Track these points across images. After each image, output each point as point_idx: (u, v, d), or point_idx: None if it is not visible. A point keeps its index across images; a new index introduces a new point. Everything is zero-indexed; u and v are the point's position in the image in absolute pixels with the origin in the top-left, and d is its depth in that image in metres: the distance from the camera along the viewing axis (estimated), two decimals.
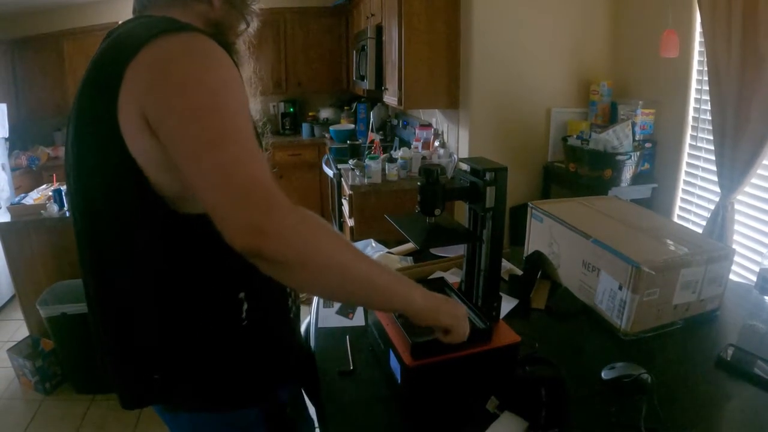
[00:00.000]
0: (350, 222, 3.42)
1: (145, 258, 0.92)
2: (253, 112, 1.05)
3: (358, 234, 3.37)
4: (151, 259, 0.94)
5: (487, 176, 1.21)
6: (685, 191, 2.86)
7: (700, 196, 2.75)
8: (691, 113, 2.74)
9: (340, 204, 3.79)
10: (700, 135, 2.70)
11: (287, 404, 1.21)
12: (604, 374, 1.30)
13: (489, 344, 1.22)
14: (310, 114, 4.98)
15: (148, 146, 0.85)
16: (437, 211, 1.21)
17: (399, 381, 1.19)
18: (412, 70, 3.10)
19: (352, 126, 4.61)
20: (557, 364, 1.24)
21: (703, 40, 2.50)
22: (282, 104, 4.92)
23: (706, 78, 2.47)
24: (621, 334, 1.56)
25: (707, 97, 2.50)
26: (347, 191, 3.42)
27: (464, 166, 1.30)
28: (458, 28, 3.13)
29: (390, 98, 3.45)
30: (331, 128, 4.53)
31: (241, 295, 1.02)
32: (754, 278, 2.33)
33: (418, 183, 1.20)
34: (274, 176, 0.85)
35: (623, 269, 1.55)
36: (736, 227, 2.43)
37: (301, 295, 1.26)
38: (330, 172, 3.87)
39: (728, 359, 1.43)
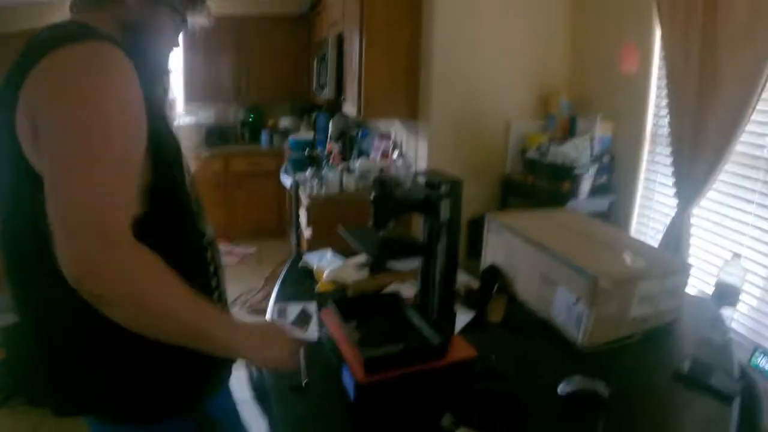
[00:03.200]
0: (307, 232, 3.35)
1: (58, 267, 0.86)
2: (180, 120, 1.02)
3: (314, 244, 3.30)
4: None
5: (442, 189, 1.17)
6: (642, 204, 2.90)
7: (657, 210, 2.79)
8: (649, 127, 2.79)
9: (298, 214, 3.72)
10: (658, 149, 2.74)
11: (220, 418, 1.16)
12: (561, 389, 1.28)
13: (444, 359, 1.18)
14: (270, 122, 4.91)
15: (39, 155, 0.84)
16: (390, 224, 1.17)
17: (352, 397, 1.14)
18: (372, 80, 3.07)
19: (311, 135, 4.56)
20: (513, 378, 1.20)
21: (662, 55, 2.54)
22: (242, 112, 4.84)
23: (665, 92, 2.51)
24: (578, 348, 1.54)
25: (666, 113, 2.54)
26: (305, 201, 3.35)
27: (420, 179, 1.26)
28: (419, 40, 3.12)
29: (349, 108, 3.41)
30: (290, 137, 4.47)
31: None
32: (710, 290, 2.38)
33: (372, 195, 1.16)
34: (131, 207, 0.85)
35: (580, 283, 1.53)
36: (693, 240, 2.47)
37: (246, 301, 1.20)
38: (288, 182, 3.80)
39: (686, 371, 1.43)
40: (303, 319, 1.66)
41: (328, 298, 1.59)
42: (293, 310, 1.71)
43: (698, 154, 2.31)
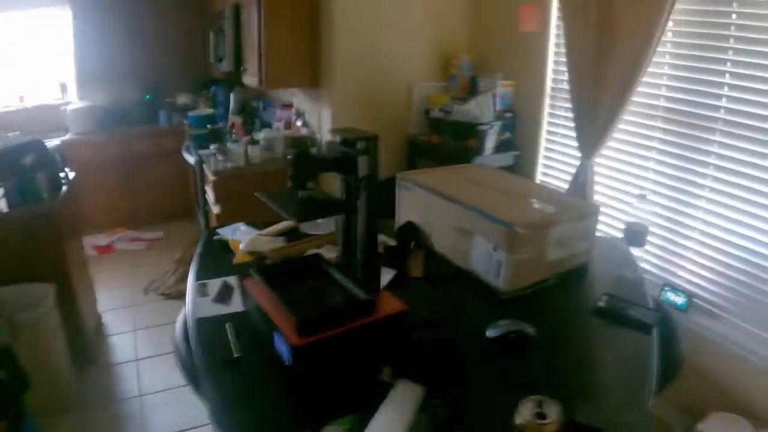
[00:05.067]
0: (216, 208, 3.24)
1: None
2: None
3: (224, 220, 3.19)
4: None
5: (359, 145, 1.17)
6: (545, 157, 3.04)
7: (560, 161, 2.95)
8: (549, 84, 2.91)
9: (204, 192, 3.58)
10: (559, 104, 2.88)
11: None
12: (489, 332, 1.33)
13: (374, 315, 1.19)
14: (167, 100, 4.65)
15: None
16: (310, 184, 1.15)
17: (287, 362, 1.12)
18: (273, 50, 2.98)
19: (210, 111, 4.36)
20: (442, 327, 1.23)
21: (560, 14, 2.63)
22: (138, 92, 4.55)
23: (563, 50, 2.62)
24: (500, 294, 1.60)
25: (565, 68, 2.66)
26: (211, 177, 3.23)
27: (335, 138, 1.24)
28: (319, 8, 3.05)
29: (250, 79, 3.29)
30: (189, 114, 4.25)
31: None
32: (616, 232, 2.55)
33: (288, 156, 1.13)
34: None
35: (497, 231, 1.59)
36: (597, 187, 2.64)
37: (159, 286, 1.14)
38: (191, 159, 3.63)
39: (604, 306, 1.53)
40: (225, 292, 1.61)
41: (249, 268, 1.54)
42: (214, 285, 1.65)
43: (598, 107, 2.44)
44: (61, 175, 2.84)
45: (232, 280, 1.67)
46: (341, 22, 2.97)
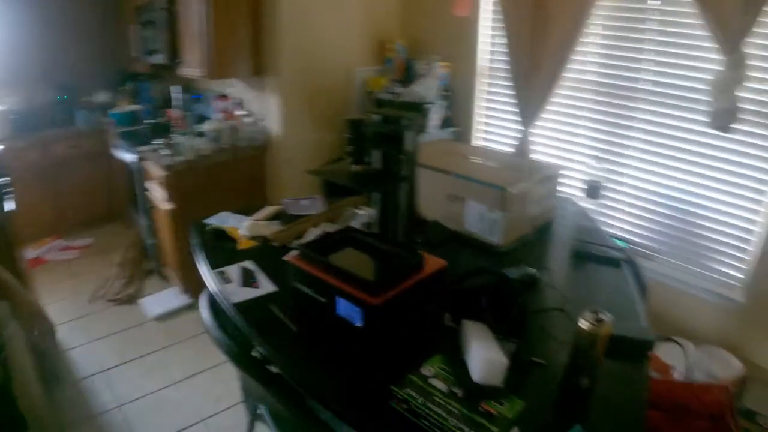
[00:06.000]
0: (167, 205, 3.18)
1: None
2: None
3: (178, 217, 3.16)
4: None
5: (404, 122, 1.30)
6: (485, 130, 3.31)
7: (499, 134, 3.23)
8: (484, 63, 3.17)
9: (144, 190, 3.49)
10: (495, 81, 3.14)
11: None
12: (509, 273, 1.52)
13: (425, 272, 1.34)
14: (84, 99, 4.39)
15: None
16: (366, 159, 1.27)
17: (360, 323, 1.25)
18: (219, 39, 2.96)
19: (135, 107, 4.20)
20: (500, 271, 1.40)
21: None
22: (52, 92, 4.25)
23: (496, 32, 2.86)
24: (496, 248, 1.82)
25: (499, 49, 2.91)
26: (158, 174, 3.16)
27: (375, 117, 1.37)
28: None
29: (191, 70, 3.24)
30: (112, 112, 4.07)
31: None
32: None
33: (346, 135, 1.24)
34: None
35: (490, 194, 1.80)
36: (536, 155, 2.94)
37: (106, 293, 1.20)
38: (129, 157, 3.52)
39: (579, 250, 1.80)
40: (248, 276, 1.68)
41: (255, 252, 1.61)
42: (232, 271, 1.71)
43: (534, 83, 2.72)
44: (2, 183, 2.69)
45: (249, 264, 1.75)
46: (286, 11, 3.03)
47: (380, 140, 1.35)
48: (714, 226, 2.37)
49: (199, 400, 2.60)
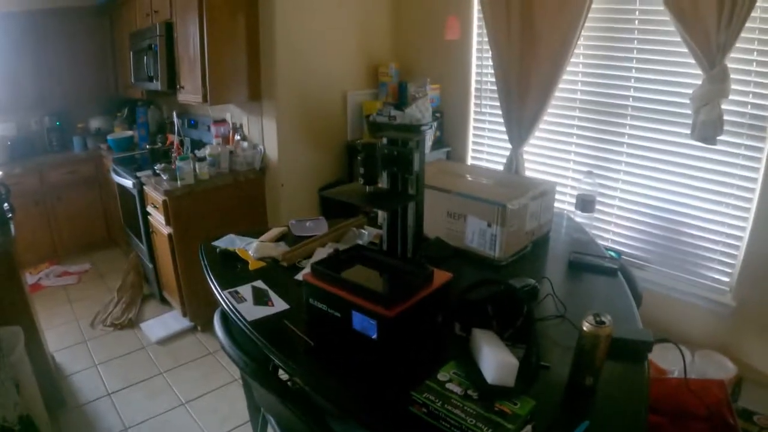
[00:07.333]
0: (167, 230, 3.24)
1: None
2: None
3: (178, 241, 3.22)
4: None
5: (410, 144, 1.39)
6: (475, 149, 3.42)
7: (489, 152, 3.33)
8: (473, 85, 3.28)
9: (145, 214, 3.54)
10: (485, 102, 3.25)
11: None
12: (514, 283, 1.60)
13: (433, 284, 1.42)
14: (80, 126, 4.45)
15: None
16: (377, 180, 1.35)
17: (374, 335, 1.32)
18: (218, 66, 3.05)
19: (130, 133, 4.27)
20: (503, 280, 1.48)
21: (481, 23, 3.00)
22: (47, 119, 4.30)
23: (485, 54, 2.98)
24: (496, 262, 1.90)
25: (488, 71, 3.02)
26: (159, 198, 3.22)
27: (382, 141, 1.45)
28: (257, 21, 3.18)
29: (189, 96, 3.32)
30: (109, 137, 4.13)
31: None
32: None
33: (359, 157, 1.32)
34: None
35: (490, 210, 1.88)
36: (528, 172, 3.04)
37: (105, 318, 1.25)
38: (128, 183, 3.57)
39: (576, 261, 1.89)
40: (261, 295, 1.74)
41: (265, 272, 1.67)
42: (245, 291, 1.78)
43: (525, 103, 2.83)
44: (6, 208, 2.73)
45: (260, 284, 1.81)
46: (282, 37, 3.13)
47: (389, 162, 1.43)
48: (702, 234, 2.49)
49: (205, 421, 2.64)
